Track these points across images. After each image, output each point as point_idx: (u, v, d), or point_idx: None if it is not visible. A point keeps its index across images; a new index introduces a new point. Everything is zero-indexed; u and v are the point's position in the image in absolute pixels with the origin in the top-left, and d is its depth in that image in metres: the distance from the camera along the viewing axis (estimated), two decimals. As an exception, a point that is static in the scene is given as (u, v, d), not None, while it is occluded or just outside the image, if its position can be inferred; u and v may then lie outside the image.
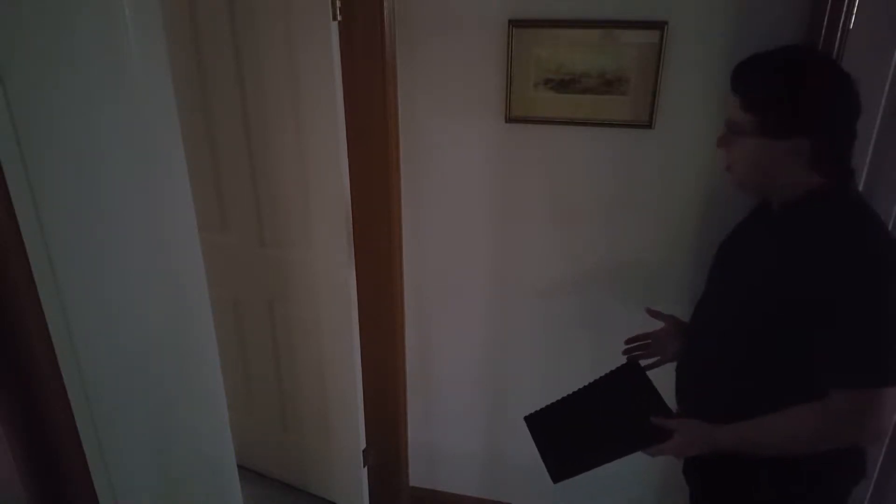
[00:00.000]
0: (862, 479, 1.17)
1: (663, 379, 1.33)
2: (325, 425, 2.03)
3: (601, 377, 1.36)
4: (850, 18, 1.29)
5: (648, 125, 1.51)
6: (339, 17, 1.51)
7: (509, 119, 1.59)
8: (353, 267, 1.76)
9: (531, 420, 1.33)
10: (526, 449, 1.53)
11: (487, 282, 1.80)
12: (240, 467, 1.48)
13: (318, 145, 1.65)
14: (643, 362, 1.40)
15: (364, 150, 1.64)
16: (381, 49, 1.54)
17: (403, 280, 1.84)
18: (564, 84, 1.51)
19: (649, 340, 1.44)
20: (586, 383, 1.36)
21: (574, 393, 1.35)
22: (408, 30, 1.58)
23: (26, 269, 0.82)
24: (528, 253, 1.74)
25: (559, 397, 1.36)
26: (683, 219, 1.60)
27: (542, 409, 1.33)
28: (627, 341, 1.47)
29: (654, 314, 1.41)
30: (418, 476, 2.14)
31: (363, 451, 1.99)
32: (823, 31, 1.32)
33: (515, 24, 1.49)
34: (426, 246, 1.81)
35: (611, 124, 1.53)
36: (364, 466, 2.01)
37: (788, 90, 1.03)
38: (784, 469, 1.11)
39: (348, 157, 1.65)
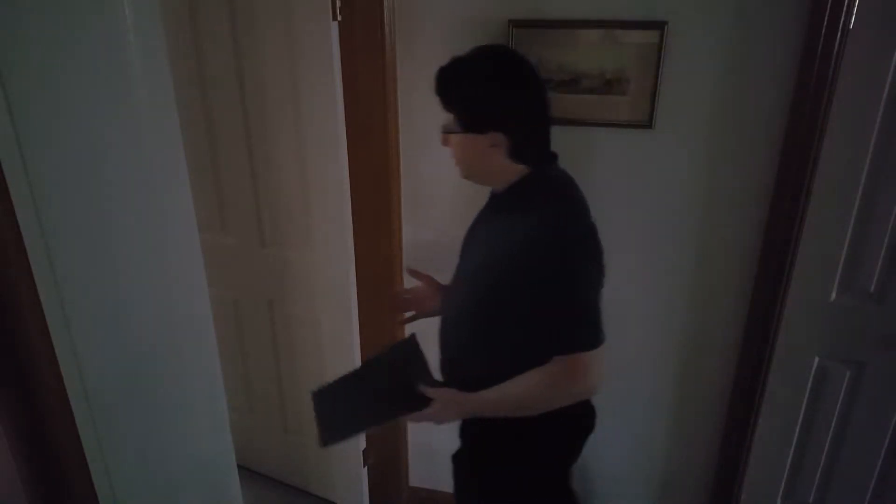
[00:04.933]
0: (590, 433, 1.35)
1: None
2: (325, 425, 2.03)
3: (384, 351, 1.41)
4: (850, 18, 1.29)
5: (648, 125, 1.51)
6: (339, 17, 1.51)
7: (509, 119, 1.59)
8: (354, 267, 1.76)
9: (316, 395, 1.32)
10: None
11: (487, 282, 1.80)
12: (240, 467, 1.48)
13: (318, 145, 1.65)
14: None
15: (364, 150, 1.64)
16: (381, 49, 1.54)
17: (403, 280, 1.84)
18: (564, 84, 1.51)
19: (409, 296, 1.53)
20: (372, 357, 1.41)
21: (360, 366, 1.39)
22: (408, 30, 1.58)
23: (26, 269, 0.82)
24: (528, 253, 1.73)
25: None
26: (683, 218, 1.60)
27: (328, 384, 1.34)
28: (391, 294, 1.63)
29: (413, 273, 1.47)
30: (418, 476, 2.14)
31: (363, 451, 1.99)
32: (823, 31, 1.32)
33: (515, 24, 1.49)
34: (426, 246, 1.81)
35: (611, 124, 1.53)
36: (364, 466, 2.01)
37: (476, 90, 1.13)
38: (523, 424, 1.21)
39: (348, 156, 1.65)
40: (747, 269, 1.59)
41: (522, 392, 1.16)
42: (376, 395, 1.31)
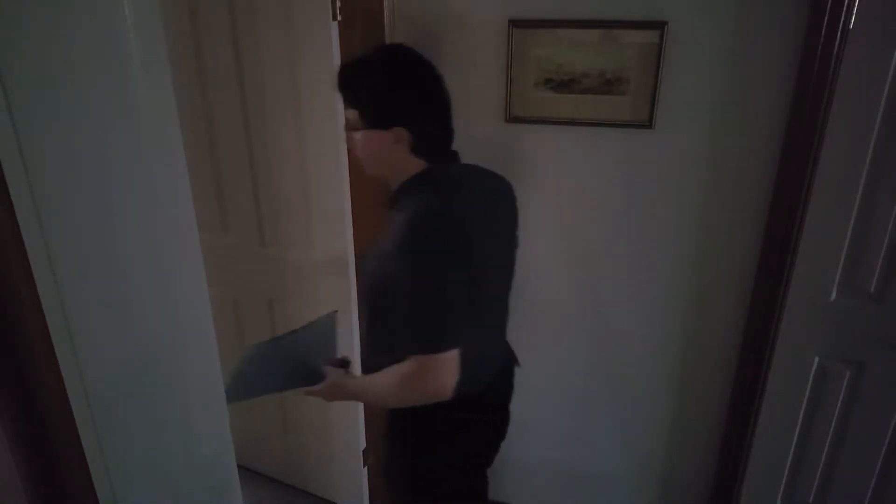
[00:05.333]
0: (496, 439, 1.45)
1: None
2: (325, 425, 2.03)
3: (309, 323, 1.43)
4: (850, 18, 1.29)
5: (648, 125, 1.51)
6: (339, 17, 1.51)
7: (509, 119, 1.59)
8: (353, 267, 1.76)
9: (247, 355, 1.35)
10: (525, 449, 1.53)
11: (487, 282, 1.80)
12: (240, 467, 1.48)
13: (318, 145, 1.65)
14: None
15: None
16: (381, 49, 1.54)
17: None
18: (564, 84, 1.51)
19: None
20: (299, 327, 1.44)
21: (284, 334, 1.40)
22: (408, 30, 1.58)
23: (26, 269, 0.82)
24: (527, 252, 1.73)
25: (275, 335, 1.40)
26: (683, 218, 1.60)
27: (257, 345, 1.35)
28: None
29: None
30: (418, 476, 2.13)
31: (363, 451, 1.99)
32: (823, 31, 1.32)
33: (515, 24, 1.49)
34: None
35: (611, 124, 1.53)
36: (364, 466, 2.01)
37: (379, 85, 1.16)
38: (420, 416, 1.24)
39: (348, 156, 1.65)
40: (747, 269, 1.59)
41: (380, 385, 1.20)
42: (289, 363, 1.34)
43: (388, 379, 1.17)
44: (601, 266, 1.70)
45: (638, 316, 1.73)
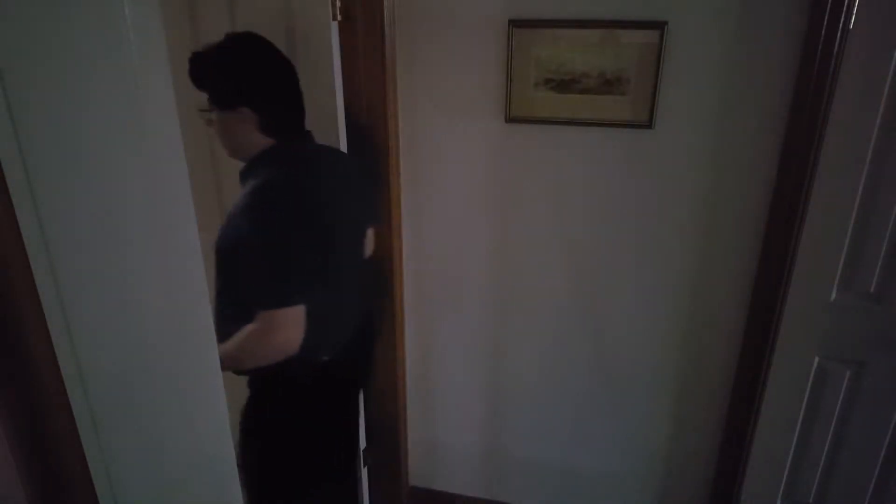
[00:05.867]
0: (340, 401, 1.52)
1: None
2: (325, 425, 2.02)
3: None
4: (850, 18, 1.29)
5: (648, 125, 1.51)
6: (339, 17, 1.51)
7: (509, 119, 1.59)
8: (353, 267, 1.76)
9: None
10: (526, 448, 1.54)
11: (487, 281, 1.80)
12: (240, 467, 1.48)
13: (318, 145, 1.65)
14: None
15: (364, 150, 1.64)
16: (381, 49, 1.54)
17: (403, 280, 1.84)
18: (564, 84, 1.52)
19: None
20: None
21: None
22: (408, 30, 1.58)
23: (26, 268, 0.82)
24: (528, 253, 1.74)
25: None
26: (683, 218, 1.60)
27: None
28: None
29: None
30: (418, 476, 2.14)
31: (363, 451, 1.99)
32: (823, 31, 1.32)
33: (515, 24, 1.49)
34: (426, 246, 1.81)
35: (611, 124, 1.53)
36: (364, 466, 2.01)
37: (223, 68, 1.27)
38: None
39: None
40: (747, 270, 1.59)
41: (233, 346, 1.24)
42: None
43: (239, 338, 1.23)
44: (601, 266, 1.70)
45: (638, 316, 1.73)
